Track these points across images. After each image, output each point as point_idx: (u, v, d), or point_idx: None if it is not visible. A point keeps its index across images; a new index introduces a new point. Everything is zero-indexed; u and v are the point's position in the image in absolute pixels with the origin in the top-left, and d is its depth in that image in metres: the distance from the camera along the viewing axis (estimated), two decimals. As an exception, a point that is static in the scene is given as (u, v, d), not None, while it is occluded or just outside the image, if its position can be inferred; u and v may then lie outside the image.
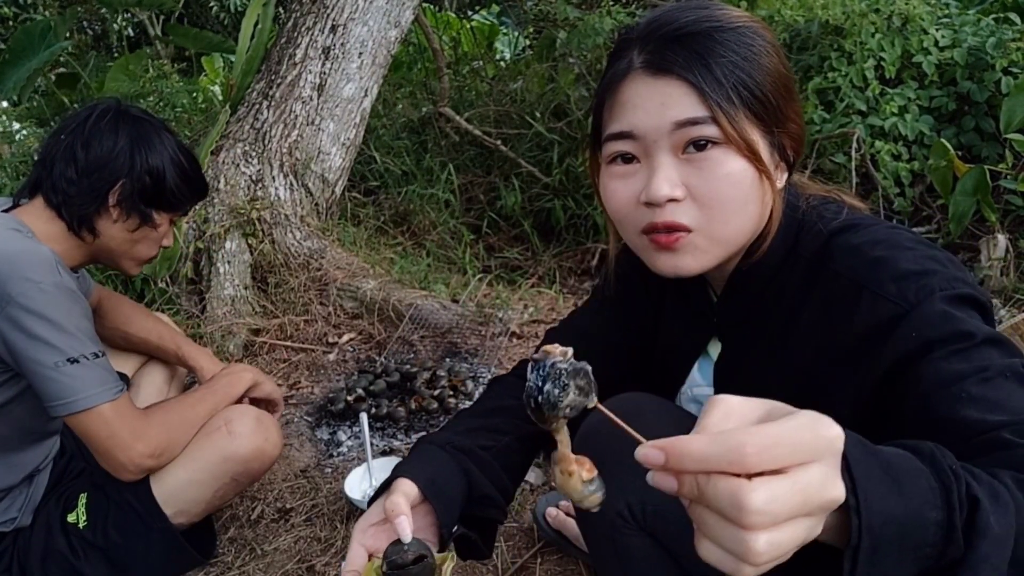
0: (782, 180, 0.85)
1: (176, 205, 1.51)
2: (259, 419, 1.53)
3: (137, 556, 1.45)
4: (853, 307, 0.78)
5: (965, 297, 0.74)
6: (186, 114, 3.53)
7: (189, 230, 2.80)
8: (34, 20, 5.19)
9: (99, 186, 1.40)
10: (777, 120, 0.81)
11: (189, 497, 1.47)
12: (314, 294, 2.72)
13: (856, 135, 2.60)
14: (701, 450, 0.47)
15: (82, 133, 1.41)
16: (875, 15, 2.82)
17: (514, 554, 1.53)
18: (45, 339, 1.26)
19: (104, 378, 1.33)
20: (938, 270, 0.76)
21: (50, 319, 1.26)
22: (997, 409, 0.67)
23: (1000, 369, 0.69)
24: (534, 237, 3.28)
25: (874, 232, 0.82)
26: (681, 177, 0.79)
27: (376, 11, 3.11)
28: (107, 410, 1.32)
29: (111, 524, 1.43)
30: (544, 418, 0.64)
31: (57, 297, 1.29)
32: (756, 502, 0.45)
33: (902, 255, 0.78)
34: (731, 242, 0.83)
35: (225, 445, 1.47)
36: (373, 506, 0.89)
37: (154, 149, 1.44)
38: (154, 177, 1.44)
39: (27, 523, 1.44)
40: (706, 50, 0.78)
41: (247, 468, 1.50)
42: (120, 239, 1.47)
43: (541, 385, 0.62)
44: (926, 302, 0.73)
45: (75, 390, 1.29)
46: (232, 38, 5.05)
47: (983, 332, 0.71)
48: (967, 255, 2.52)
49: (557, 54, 3.81)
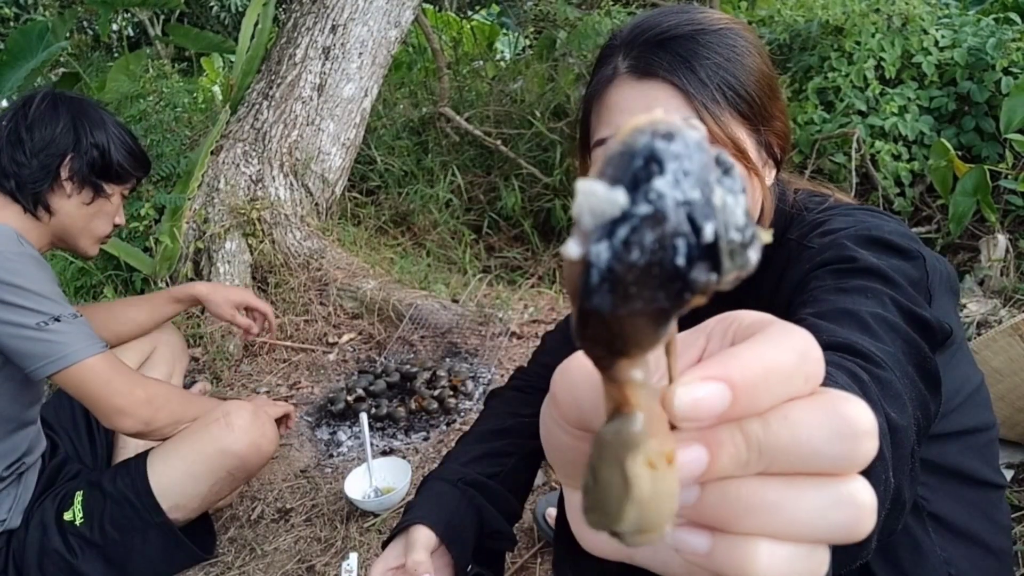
0: (771, 176, 0.87)
1: (124, 177, 1.56)
2: (256, 414, 1.54)
3: (134, 552, 1.46)
4: (794, 263, 0.82)
5: (875, 239, 0.75)
6: (186, 114, 3.53)
7: (189, 230, 2.80)
8: (35, 20, 5.19)
9: (49, 163, 1.45)
10: (763, 118, 0.83)
11: (185, 491, 1.48)
12: (314, 294, 2.72)
13: (856, 135, 2.60)
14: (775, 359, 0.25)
15: (25, 118, 1.46)
16: (875, 15, 2.81)
17: (514, 554, 1.53)
18: (22, 304, 1.28)
19: (89, 334, 1.36)
20: (866, 221, 0.79)
21: (23, 286, 1.29)
22: (823, 304, 0.68)
23: (862, 287, 0.69)
24: (534, 237, 3.28)
25: (850, 212, 0.84)
26: None
27: (376, 11, 3.11)
28: (99, 361, 1.34)
29: (108, 520, 1.44)
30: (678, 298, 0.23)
31: (27, 264, 1.32)
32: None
33: (842, 219, 0.81)
34: None
35: (223, 436, 1.48)
36: (390, 548, 0.91)
37: (96, 124, 1.50)
38: (100, 149, 1.50)
39: (16, 524, 1.44)
40: (690, 53, 0.79)
41: (243, 463, 1.51)
42: (76, 214, 1.50)
43: (679, 200, 0.22)
44: (835, 243, 0.76)
45: (64, 345, 1.31)
46: (232, 38, 5.04)
47: (868, 261, 0.72)
48: (967, 255, 2.52)
49: (557, 54, 3.81)
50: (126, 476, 1.46)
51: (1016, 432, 1.52)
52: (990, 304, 2.10)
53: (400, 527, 0.92)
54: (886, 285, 0.70)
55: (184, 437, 1.50)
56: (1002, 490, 0.89)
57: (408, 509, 0.94)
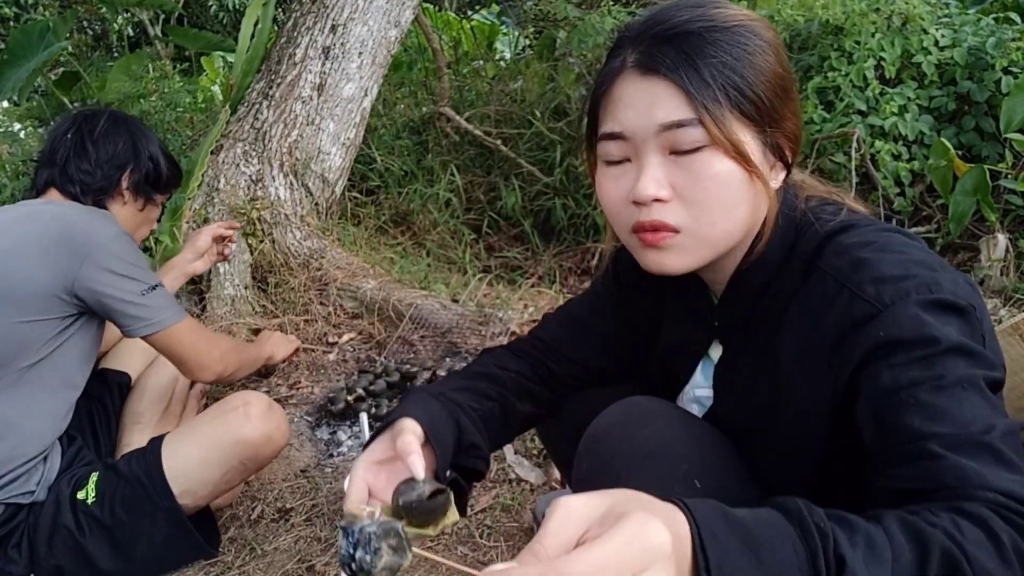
0: (779, 180, 0.85)
1: (168, 187, 1.80)
2: (271, 406, 1.60)
3: (141, 536, 1.48)
4: (832, 305, 0.78)
5: (941, 303, 0.73)
6: (187, 114, 3.54)
7: (189, 230, 2.80)
8: (35, 20, 5.19)
9: (112, 173, 1.67)
10: (771, 120, 0.81)
11: (197, 477, 1.52)
12: (314, 294, 2.72)
13: (856, 135, 2.60)
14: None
15: (91, 133, 1.66)
16: (875, 15, 2.81)
17: (514, 554, 1.53)
18: (130, 275, 1.51)
19: (174, 302, 1.62)
20: (919, 274, 0.75)
21: (128, 259, 1.52)
22: (940, 418, 0.67)
23: (957, 379, 0.69)
24: (534, 237, 3.28)
25: (866, 233, 0.81)
26: (669, 177, 0.80)
27: (376, 11, 3.11)
28: (185, 325, 1.59)
29: (118, 501, 1.47)
30: None
31: (127, 241, 1.55)
32: None
33: (888, 257, 0.77)
34: (718, 243, 0.83)
35: (240, 425, 1.53)
36: (376, 443, 0.88)
37: (151, 141, 1.74)
38: (154, 163, 1.72)
39: (42, 498, 1.49)
40: (696, 50, 0.78)
41: (256, 453, 1.55)
42: (129, 220, 1.70)
43: (353, 552, 0.61)
44: (899, 304, 0.73)
45: (159, 310, 1.55)
46: (232, 38, 5.05)
47: (950, 340, 0.70)
48: (967, 255, 2.52)
49: (557, 54, 3.81)
50: (141, 459, 1.52)
51: (1016, 432, 1.52)
52: (990, 304, 2.10)
53: (384, 424, 0.91)
54: (973, 364, 0.70)
55: (201, 423, 1.57)
56: None
57: (389, 414, 0.92)
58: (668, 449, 0.86)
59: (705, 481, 0.84)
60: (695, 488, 0.83)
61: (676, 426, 0.89)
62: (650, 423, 0.88)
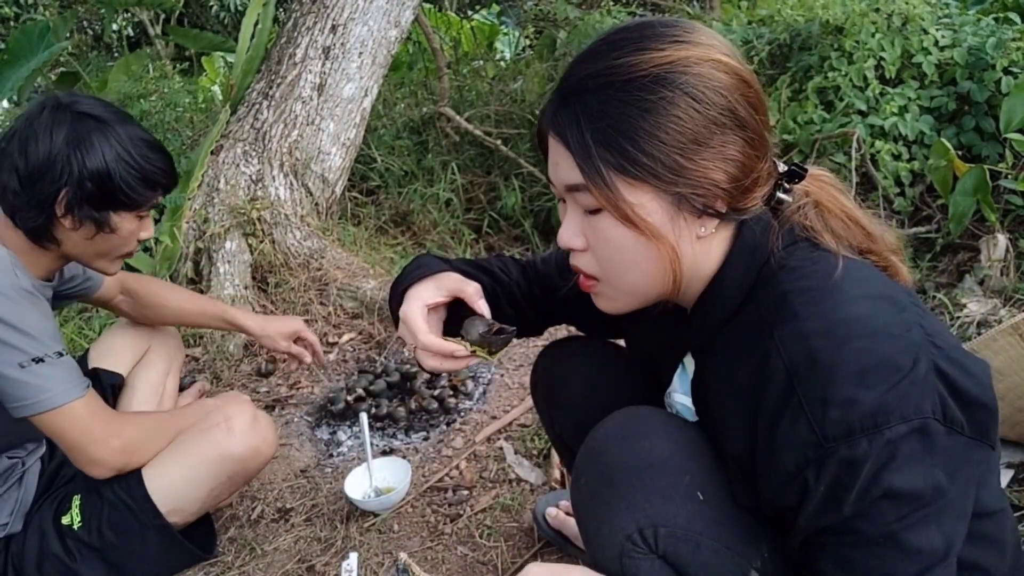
0: (710, 227, 0.80)
1: (136, 202, 1.37)
2: (256, 417, 1.54)
3: (133, 554, 1.45)
4: (781, 408, 0.72)
5: (900, 438, 0.68)
6: (187, 114, 3.54)
7: (189, 230, 2.81)
8: (35, 20, 5.19)
9: (42, 198, 1.30)
10: (678, 176, 0.76)
11: (184, 495, 1.46)
12: (314, 294, 2.72)
13: (856, 135, 2.60)
14: None
15: (24, 137, 1.30)
16: (875, 15, 2.81)
17: (514, 554, 1.53)
18: (5, 341, 1.24)
19: (71, 376, 1.31)
20: (880, 396, 0.68)
21: (8, 322, 1.24)
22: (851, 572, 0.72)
23: (877, 535, 0.71)
24: (534, 237, 3.28)
25: (834, 311, 0.73)
26: (582, 229, 0.83)
27: (376, 11, 3.11)
28: (79, 406, 1.31)
29: (105, 524, 1.42)
30: None
31: (13, 299, 1.26)
32: None
33: (849, 357, 0.70)
34: (637, 293, 0.85)
35: (223, 441, 1.47)
36: (420, 289, 1.01)
37: (93, 149, 1.30)
38: (97, 181, 1.31)
39: (18, 529, 1.44)
40: (587, 113, 0.77)
41: (244, 467, 1.50)
42: (83, 246, 1.38)
43: None
44: (843, 446, 0.69)
45: (43, 389, 1.27)
46: (232, 38, 5.05)
47: (885, 486, 0.68)
48: (967, 255, 2.52)
49: (557, 54, 3.81)
50: (123, 481, 1.43)
51: (1016, 432, 1.52)
52: (990, 304, 2.10)
53: (418, 278, 1.02)
54: (897, 509, 0.70)
55: (184, 442, 1.48)
56: (1004, 511, 0.86)
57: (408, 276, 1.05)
58: (669, 461, 0.85)
59: (708, 491, 0.83)
60: (698, 500, 0.82)
61: (675, 436, 0.88)
62: (649, 434, 0.87)
